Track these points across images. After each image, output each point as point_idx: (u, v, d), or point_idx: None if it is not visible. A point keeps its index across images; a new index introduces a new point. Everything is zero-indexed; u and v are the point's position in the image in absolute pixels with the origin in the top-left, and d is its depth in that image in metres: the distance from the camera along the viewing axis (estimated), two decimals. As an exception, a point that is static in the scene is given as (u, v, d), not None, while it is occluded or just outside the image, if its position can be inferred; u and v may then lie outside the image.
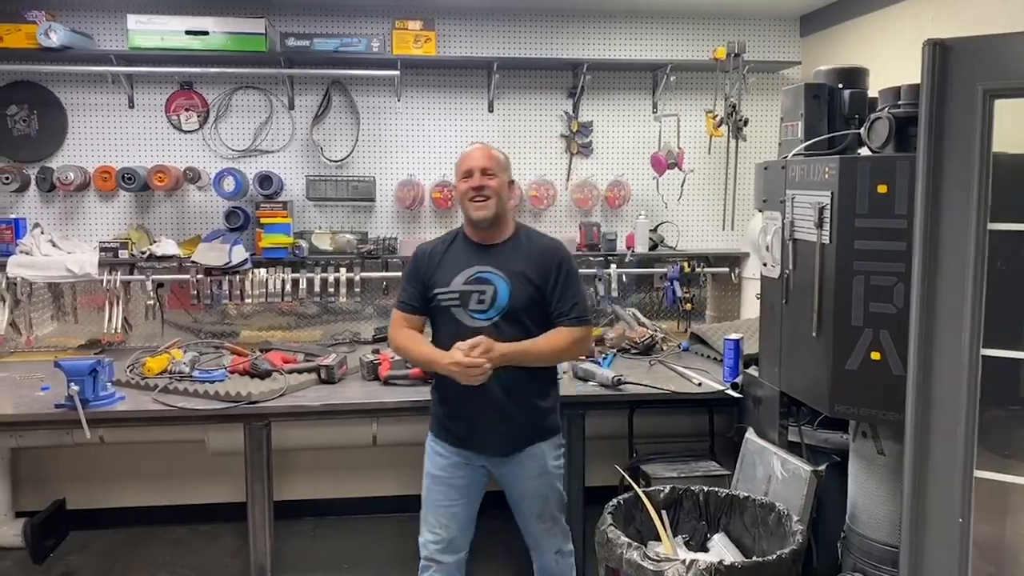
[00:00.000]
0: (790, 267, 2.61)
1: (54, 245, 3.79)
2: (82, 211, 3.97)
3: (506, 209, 2.72)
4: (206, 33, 3.68)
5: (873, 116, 2.44)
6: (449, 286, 2.63)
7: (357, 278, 3.92)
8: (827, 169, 2.40)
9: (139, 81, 3.93)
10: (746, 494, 2.62)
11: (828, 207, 2.38)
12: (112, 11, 3.82)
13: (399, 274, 3.94)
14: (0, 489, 3.80)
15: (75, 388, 2.88)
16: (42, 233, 3.83)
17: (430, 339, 2.73)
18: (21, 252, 3.70)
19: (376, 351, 3.48)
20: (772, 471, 2.74)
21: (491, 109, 4.14)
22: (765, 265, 2.81)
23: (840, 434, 2.86)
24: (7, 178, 3.79)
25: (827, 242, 2.39)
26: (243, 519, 3.22)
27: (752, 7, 4.11)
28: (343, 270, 3.92)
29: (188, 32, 3.67)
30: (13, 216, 3.85)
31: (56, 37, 3.55)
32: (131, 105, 3.94)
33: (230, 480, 3.91)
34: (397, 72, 3.88)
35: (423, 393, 3.13)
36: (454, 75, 4.12)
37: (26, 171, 3.88)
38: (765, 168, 2.84)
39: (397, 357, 3.35)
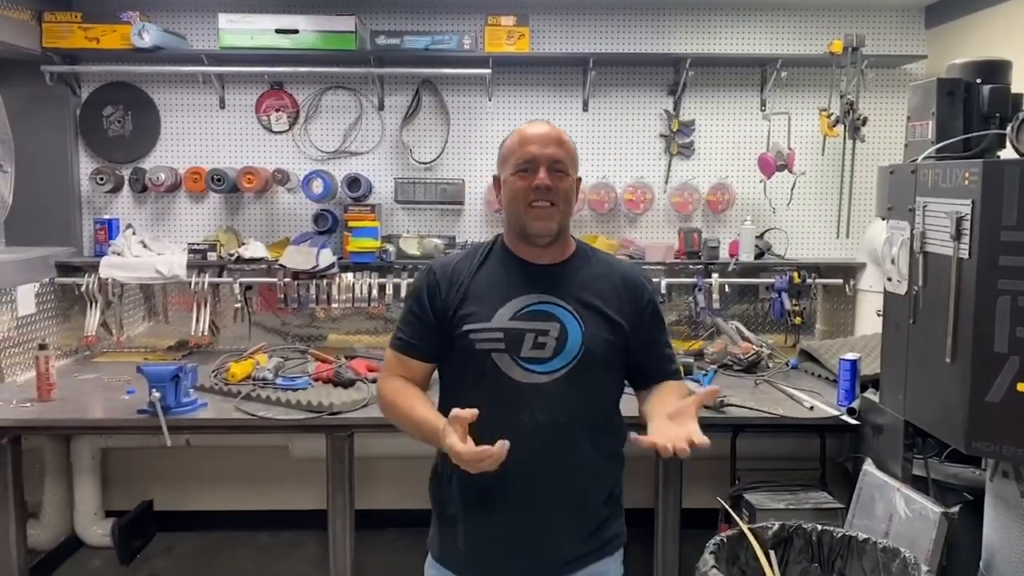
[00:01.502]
0: (920, 283, 2.34)
1: (145, 246, 3.80)
2: (173, 212, 3.97)
3: (570, 219, 1.95)
4: (296, 32, 3.61)
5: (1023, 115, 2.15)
6: (490, 321, 1.82)
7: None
8: (967, 174, 2.12)
9: (230, 81, 3.91)
10: (865, 536, 2.34)
11: (968, 217, 2.10)
12: (204, 10, 3.81)
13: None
14: (90, 489, 3.83)
15: (156, 395, 2.83)
16: (134, 234, 3.84)
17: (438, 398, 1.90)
18: (113, 253, 3.72)
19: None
20: (894, 509, 2.46)
21: (586, 108, 3.95)
22: (890, 280, 2.54)
23: (973, 469, 2.58)
24: (102, 178, 3.82)
25: (966, 256, 2.12)
26: (325, 526, 3.15)
27: (871, -4, 3.81)
28: (430, 275, 3.79)
29: (278, 31, 3.61)
30: (107, 217, 3.88)
31: (148, 38, 3.54)
32: (222, 106, 3.92)
33: (313, 486, 3.84)
34: (488, 71, 3.73)
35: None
36: (547, 72, 3.95)
37: (120, 172, 3.90)
38: (891, 172, 2.56)
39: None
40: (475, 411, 1.63)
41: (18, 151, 3.63)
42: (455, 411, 1.64)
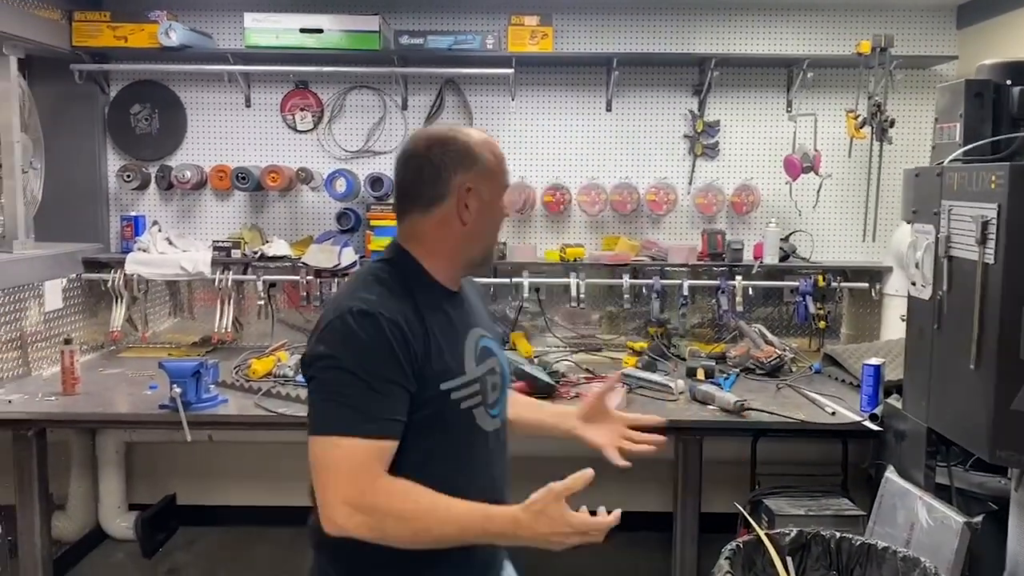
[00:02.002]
0: (944, 288, 2.30)
1: (170, 243, 3.83)
2: (198, 209, 4.01)
3: None
4: (320, 31, 3.63)
5: (1055, 118, 2.11)
6: (465, 373, 1.57)
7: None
8: (994, 178, 2.08)
9: (255, 80, 3.94)
10: (885, 544, 2.30)
11: (994, 221, 2.06)
12: (230, 10, 3.83)
13: (507, 280, 3.80)
14: (114, 482, 3.88)
15: (177, 390, 2.86)
16: (160, 231, 3.88)
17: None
18: (139, 249, 3.77)
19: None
20: (916, 517, 2.42)
21: (609, 108, 3.92)
22: (914, 284, 2.50)
23: (998, 478, 2.53)
24: (128, 176, 3.87)
25: (991, 262, 2.08)
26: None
27: (901, -4, 3.75)
28: (451, 275, 3.79)
29: (303, 30, 3.63)
30: (133, 213, 3.92)
31: (175, 36, 3.58)
32: (247, 104, 3.95)
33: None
34: (511, 70, 3.72)
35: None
36: (571, 72, 3.93)
37: (146, 169, 3.94)
38: (916, 175, 2.52)
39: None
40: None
41: (47, 148, 3.71)
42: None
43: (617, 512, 1.51)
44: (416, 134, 1.65)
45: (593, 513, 1.52)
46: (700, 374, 3.30)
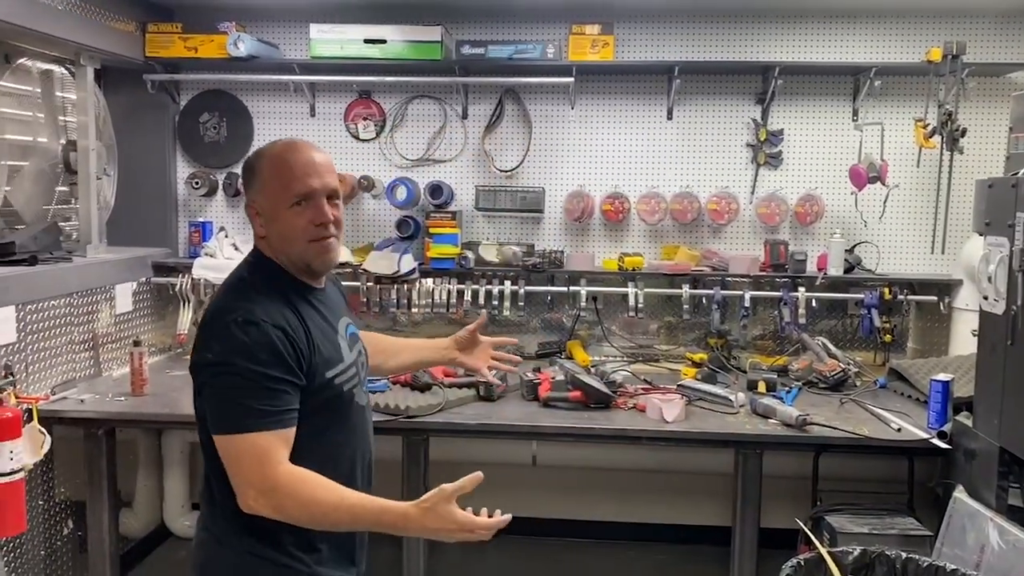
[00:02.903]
0: (1018, 302, 2.24)
1: (236, 249, 3.92)
2: (263, 216, 4.08)
3: None
4: (384, 41, 3.68)
5: None
6: (344, 360, 1.77)
7: (522, 291, 3.80)
8: (1073, 188, 2.01)
9: (320, 90, 4.01)
10: (954, 567, 2.23)
11: (1073, 234, 2.00)
12: (296, 20, 3.92)
13: (564, 289, 3.81)
14: (179, 481, 3.98)
15: (241, 392, 2.91)
16: (226, 236, 3.97)
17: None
18: (206, 254, 3.86)
19: (537, 369, 3.33)
20: (987, 540, 2.34)
21: (670, 116, 3.90)
22: (986, 298, 2.43)
23: (1075, 501, 2.43)
24: (197, 183, 3.97)
25: (1070, 276, 2.01)
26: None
27: (973, 3, 3.64)
28: (508, 283, 3.81)
29: (367, 40, 3.69)
30: (201, 219, 4.03)
31: (243, 47, 3.67)
32: (312, 113, 4.02)
33: (388, 487, 3.86)
34: (571, 79, 3.72)
35: (584, 419, 2.98)
36: (631, 81, 3.92)
37: (214, 176, 4.05)
38: (990, 186, 2.45)
39: (558, 377, 3.20)
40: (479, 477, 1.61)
41: (120, 156, 3.83)
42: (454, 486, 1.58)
43: (507, 516, 1.61)
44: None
45: (477, 514, 1.62)
46: (761, 387, 3.25)
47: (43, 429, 2.84)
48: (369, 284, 3.80)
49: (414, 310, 3.83)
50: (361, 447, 1.84)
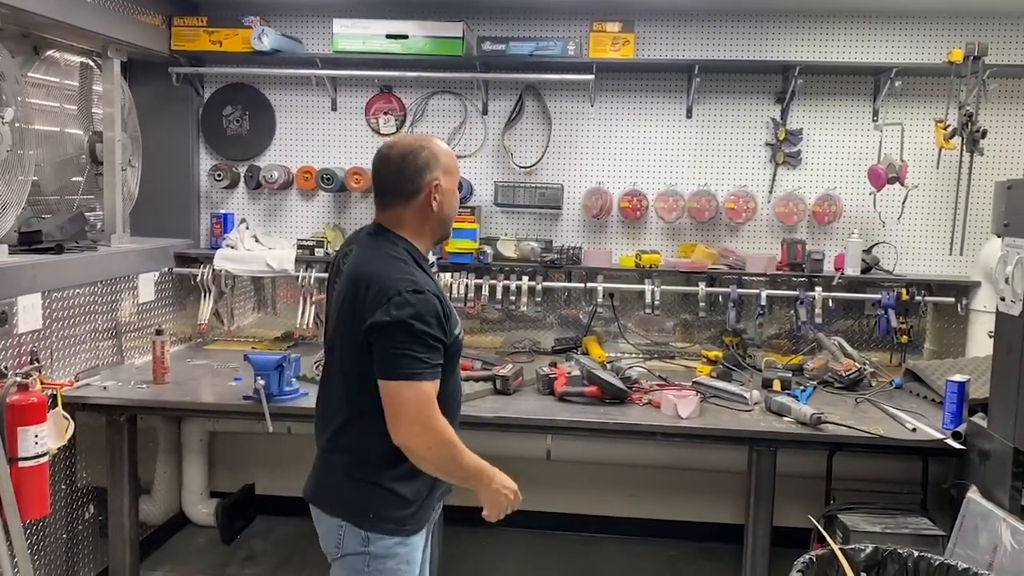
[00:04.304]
0: (1036, 304, 2.23)
1: (257, 240, 3.97)
2: (284, 209, 4.14)
3: None
4: (406, 37, 3.72)
5: None
6: (458, 320, 2.12)
7: (539, 287, 3.82)
8: (1093, 190, 2.01)
9: (342, 84, 4.05)
10: (966, 566, 2.24)
11: (1092, 236, 2.00)
12: (320, 15, 3.95)
13: (581, 285, 3.83)
14: (198, 469, 4.04)
15: (261, 383, 2.96)
16: (247, 228, 4.02)
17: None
18: (227, 246, 3.91)
19: (553, 364, 3.35)
20: (999, 540, 2.35)
21: (689, 115, 3.91)
22: (1003, 300, 2.43)
23: (1089, 503, 2.43)
24: (219, 175, 4.02)
25: (1088, 278, 2.01)
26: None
27: (995, 4, 3.62)
28: (525, 278, 3.83)
29: (389, 36, 3.72)
30: (223, 211, 4.08)
31: (267, 41, 3.71)
32: (334, 108, 4.06)
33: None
34: (591, 76, 3.74)
35: (599, 414, 3.00)
36: (651, 79, 3.93)
37: (236, 169, 4.10)
38: (1009, 187, 2.46)
39: (574, 372, 3.22)
40: None
41: (144, 147, 3.88)
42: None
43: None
44: (390, 145, 2.09)
45: None
46: (776, 385, 3.26)
47: (67, 415, 2.90)
48: (388, 277, 3.83)
49: (432, 304, 3.86)
50: (460, 394, 2.22)
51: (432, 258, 3.80)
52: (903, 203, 3.71)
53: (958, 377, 2.85)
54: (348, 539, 2.03)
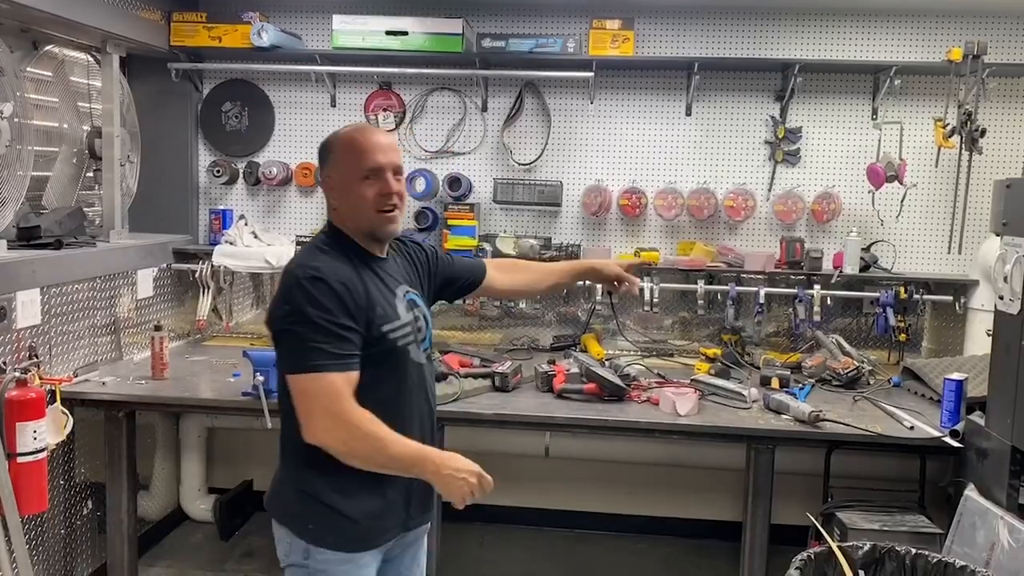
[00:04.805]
0: (1034, 303, 2.24)
1: (256, 236, 3.97)
2: (283, 205, 4.13)
3: None
4: (405, 33, 3.71)
5: None
6: (399, 318, 1.97)
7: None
8: (1092, 189, 2.02)
9: (341, 81, 4.04)
10: (963, 563, 2.24)
11: (1090, 235, 2.00)
12: (319, 12, 3.95)
13: (581, 283, 3.82)
14: (195, 465, 4.04)
15: (260, 379, 2.96)
16: (246, 225, 4.02)
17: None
18: (226, 242, 3.91)
19: (552, 361, 3.36)
20: (997, 538, 2.36)
21: (689, 112, 3.91)
22: (1001, 298, 2.44)
23: (1086, 501, 2.43)
24: (218, 171, 4.02)
25: (1086, 276, 2.02)
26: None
27: (995, 3, 3.62)
28: (525, 275, 3.83)
29: (388, 32, 3.72)
30: (222, 207, 4.08)
31: (267, 37, 3.70)
32: (333, 104, 4.06)
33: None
34: (591, 74, 3.74)
35: (598, 411, 3.00)
36: (651, 76, 3.93)
37: (235, 165, 4.10)
38: (1007, 186, 2.46)
39: (573, 369, 3.22)
40: None
41: (143, 143, 3.87)
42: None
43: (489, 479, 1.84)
44: None
45: None
46: (775, 383, 3.26)
47: (65, 410, 2.90)
48: (386, 274, 3.83)
49: (430, 301, 3.86)
50: (417, 401, 2.02)
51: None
52: (902, 201, 3.71)
53: (956, 375, 2.85)
54: (293, 549, 1.95)
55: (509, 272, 2.49)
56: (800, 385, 3.31)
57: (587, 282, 3.80)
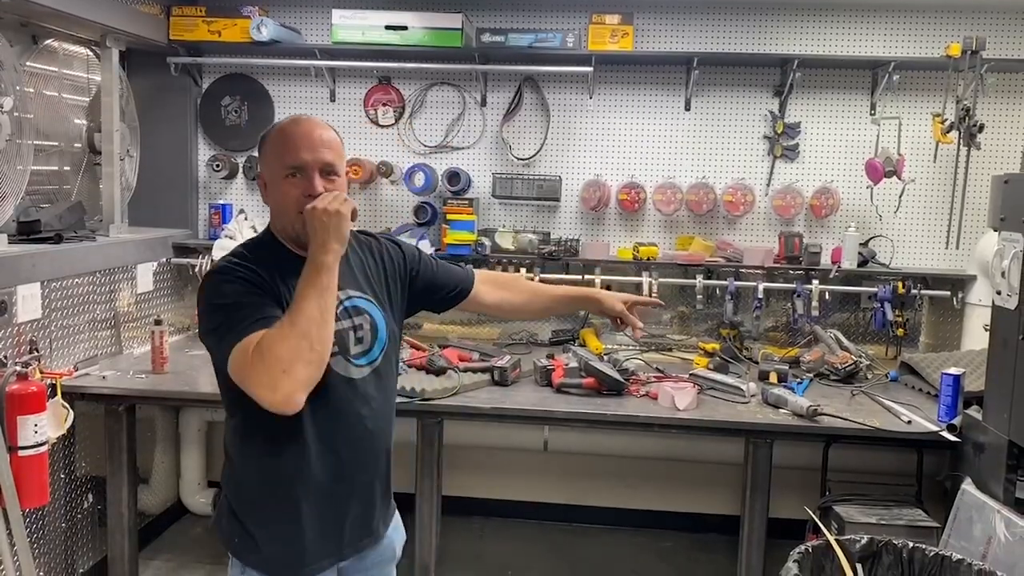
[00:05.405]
0: (1032, 297, 2.25)
1: (255, 231, 3.95)
2: (282, 200, 4.13)
3: None
4: (405, 28, 3.71)
5: None
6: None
7: (537, 279, 3.83)
8: (1089, 185, 2.03)
9: (340, 75, 4.05)
10: (960, 557, 2.26)
11: (1087, 230, 2.01)
12: (319, 6, 3.95)
13: (579, 277, 3.84)
14: (195, 459, 4.05)
15: (259, 372, 2.96)
16: (245, 219, 4.01)
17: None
18: (225, 236, 3.90)
19: (550, 356, 3.37)
20: (993, 532, 2.37)
21: (688, 107, 3.91)
22: (999, 293, 2.44)
23: (1083, 496, 2.45)
24: (218, 165, 4.02)
25: (1083, 272, 2.02)
26: (412, 510, 3.20)
27: (995, -3, 3.64)
28: (523, 270, 3.84)
29: (388, 27, 3.72)
30: (221, 202, 4.08)
31: (266, 31, 3.71)
32: (332, 99, 4.06)
33: (401, 470, 3.90)
34: (590, 69, 3.74)
35: (596, 406, 3.01)
36: (650, 71, 3.93)
37: (234, 159, 4.10)
38: (1006, 181, 2.47)
39: (571, 363, 3.23)
40: None
41: (142, 138, 3.87)
42: None
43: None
44: None
45: None
46: (773, 378, 3.27)
47: (66, 404, 2.91)
48: (386, 269, 3.84)
49: (430, 295, 3.86)
50: (345, 423, 1.80)
51: (430, 249, 3.81)
52: (900, 197, 3.72)
53: (953, 370, 2.86)
54: (232, 566, 1.87)
55: (499, 289, 2.31)
56: (798, 379, 3.32)
57: (584, 276, 3.82)
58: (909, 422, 2.88)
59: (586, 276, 3.83)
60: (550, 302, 2.44)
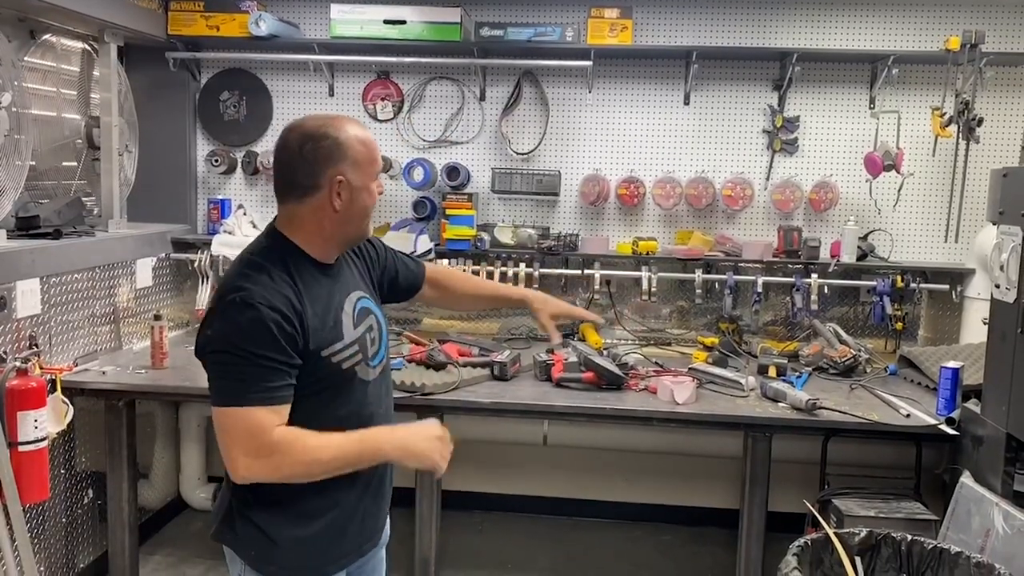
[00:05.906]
0: (1030, 291, 2.25)
1: (254, 226, 3.97)
2: (281, 195, 4.13)
3: None
4: (403, 22, 3.71)
5: None
6: (344, 338, 1.77)
7: (536, 274, 3.83)
8: (1088, 178, 2.03)
9: (339, 70, 4.04)
10: (958, 549, 2.27)
11: (1086, 224, 2.01)
12: (317, 1, 3.94)
13: (579, 272, 3.84)
14: (195, 454, 4.05)
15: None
16: (244, 214, 4.02)
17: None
18: (224, 231, 3.91)
19: (550, 350, 3.37)
20: (991, 524, 2.38)
21: (687, 101, 3.91)
22: (997, 287, 2.45)
23: (1081, 488, 2.46)
24: (217, 160, 4.02)
25: (1082, 265, 2.03)
26: (412, 504, 3.21)
27: (995, -9, 3.64)
28: (523, 265, 3.84)
29: (387, 21, 3.72)
30: (220, 197, 4.08)
31: (265, 26, 3.70)
32: (331, 93, 4.05)
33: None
34: (589, 63, 3.74)
35: (596, 400, 3.02)
36: (649, 65, 3.93)
37: (233, 154, 4.09)
38: (1004, 175, 2.47)
39: (571, 358, 3.24)
40: None
41: (141, 133, 3.87)
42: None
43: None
44: (291, 128, 1.76)
45: None
46: (772, 371, 3.28)
47: (66, 399, 2.91)
48: (385, 263, 3.84)
49: (429, 290, 3.87)
50: (367, 423, 1.83)
51: (429, 244, 3.81)
52: (899, 191, 3.72)
53: (952, 363, 2.87)
54: (245, 573, 1.83)
55: (438, 285, 2.33)
56: (797, 373, 3.32)
57: (583, 271, 3.82)
58: (908, 415, 2.89)
59: (586, 271, 3.84)
60: (486, 303, 2.69)
